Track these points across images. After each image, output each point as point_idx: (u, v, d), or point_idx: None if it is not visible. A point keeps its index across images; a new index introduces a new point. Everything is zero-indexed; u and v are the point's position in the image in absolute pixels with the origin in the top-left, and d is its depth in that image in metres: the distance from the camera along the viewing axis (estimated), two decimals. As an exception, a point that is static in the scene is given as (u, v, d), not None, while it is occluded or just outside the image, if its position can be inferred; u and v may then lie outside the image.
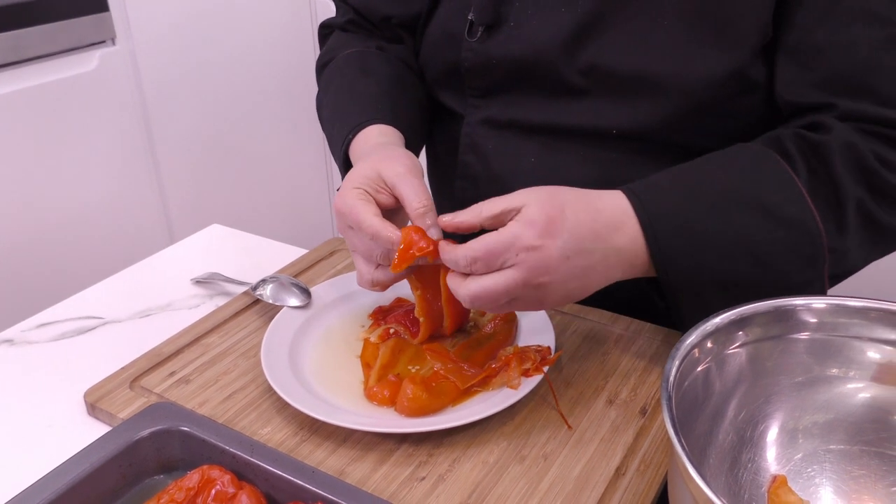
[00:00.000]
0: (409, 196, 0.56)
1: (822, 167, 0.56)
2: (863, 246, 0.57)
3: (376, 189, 0.59)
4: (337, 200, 0.60)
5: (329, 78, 0.78)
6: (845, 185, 0.55)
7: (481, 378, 0.58)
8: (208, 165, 1.67)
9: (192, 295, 0.76)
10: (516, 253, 0.51)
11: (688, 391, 0.45)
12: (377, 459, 0.53)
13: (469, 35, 0.68)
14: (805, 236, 0.55)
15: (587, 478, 0.52)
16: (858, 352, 0.48)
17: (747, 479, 0.48)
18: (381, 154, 0.61)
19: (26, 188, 1.33)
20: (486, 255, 0.51)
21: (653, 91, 0.62)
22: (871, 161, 0.55)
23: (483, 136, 0.72)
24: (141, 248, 1.52)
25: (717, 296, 0.55)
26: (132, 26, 1.44)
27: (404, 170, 0.58)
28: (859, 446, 0.48)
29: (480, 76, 0.70)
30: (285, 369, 0.60)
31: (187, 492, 0.47)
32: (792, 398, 0.49)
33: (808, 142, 0.57)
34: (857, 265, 0.59)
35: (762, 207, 0.55)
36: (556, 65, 0.65)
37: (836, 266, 0.57)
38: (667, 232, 0.54)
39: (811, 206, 0.55)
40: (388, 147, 0.65)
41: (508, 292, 0.52)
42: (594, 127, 0.65)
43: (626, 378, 0.61)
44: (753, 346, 0.48)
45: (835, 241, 0.55)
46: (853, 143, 0.56)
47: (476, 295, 0.52)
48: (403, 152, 0.62)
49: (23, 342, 0.70)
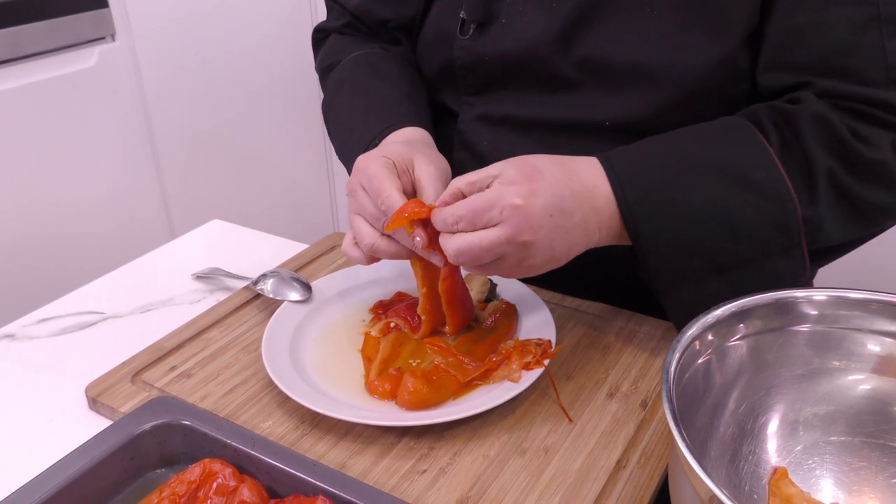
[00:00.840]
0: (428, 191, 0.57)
1: (794, 137, 0.56)
2: (838, 218, 0.57)
3: (403, 169, 0.59)
4: (362, 160, 0.59)
5: (338, 82, 0.77)
6: (815, 154, 0.56)
7: (482, 371, 0.58)
8: (208, 161, 1.67)
9: (193, 290, 0.76)
10: (500, 210, 0.52)
11: (688, 383, 0.45)
12: (378, 453, 0.54)
13: (461, 33, 0.69)
14: (777, 202, 0.55)
15: (588, 470, 0.52)
16: (859, 344, 0.48)
17: (748, 471, 0.48)
18: (422, 148, 0.62)
19: (26, 184, 1.33)
20: (469, 213, 0.52)
21: (644, 82, 0.63)
22: (842, 132, 0.56)
23: (477, 133, 0.72)
24: (141, 244, 1.52)
25: (692, 265, 0.56)
26: (132, 22, 1.43)
27: (436, 171, 0.59)
28: (860, 438, 0.48)
29: (473, 74, 0.70)
30: (286, 363, 0.60)
31: (189, 485, 0.47)
32: (792, 390, 0.49)
33: (781, 112, 0.58)
34: (835, 239, 0.59)
35: (733, 174, 0.55)
36: (549, 59, 0.65)
37: (813, 238, 0.57)
38: (637, 195, 0.55)
39: (782, 172, 0.55)
40: (428, 146, 0.65)
41: (493, 249, 0.52)
42: (588, 119, 0.66)
43: (626, 371, 0.61)
44: (754, 339, 0.48)
45: (807, 209, 0.56)
46: (824, 114, 0.56)
47: (460, 249, 0.53)
48: (441, 157, 0.63)
49: (24, 337, 0.70)
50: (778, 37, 0.60)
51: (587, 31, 0.63)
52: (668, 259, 0.56)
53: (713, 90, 0.62)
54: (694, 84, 0.62)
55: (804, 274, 0.58)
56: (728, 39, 0.60)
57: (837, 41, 0.57)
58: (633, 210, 0.55)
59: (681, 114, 0.63)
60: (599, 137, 0.66)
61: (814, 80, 0.58)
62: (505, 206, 0.52)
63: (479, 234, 0.52)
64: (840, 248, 0.62)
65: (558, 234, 0.54)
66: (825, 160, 0.56)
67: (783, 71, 0.60)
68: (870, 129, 0.56)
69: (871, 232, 0.61)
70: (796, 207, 0.55)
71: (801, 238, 0.56)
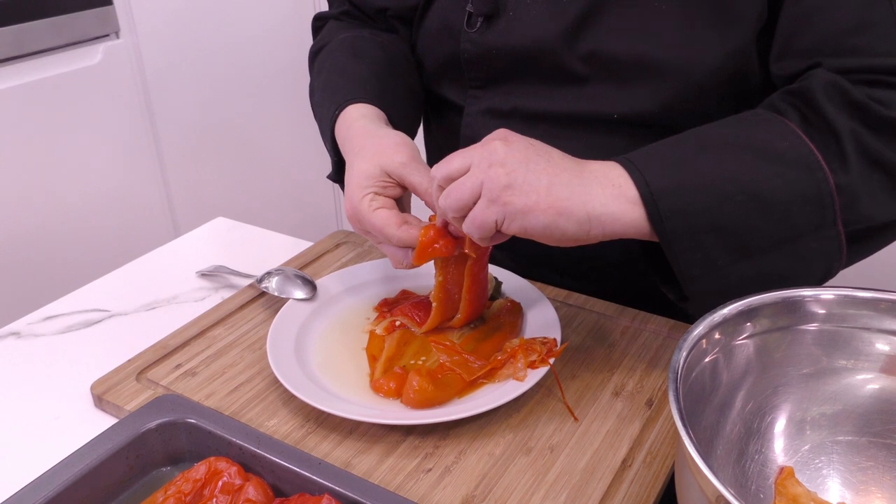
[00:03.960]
0: (421, 184, 0.59)
1: (811, 110, 0.54)
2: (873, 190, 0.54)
3: (383, 185, 0.60)
4: (347, 206, 0.61)
5: (321, 63, 0.78)
6: (836, 119, 0.53)
7: (487, 370, 0.58)
8: (212, 158, 1.67)
9: (198, 288, 0.76)
10: (476, 153, 0.53)
11: (695, 382, 0.45)
12: (383, 451, 0.53)
13: (468, 26, 0.68)
14: (805, 171, 0.52)
15: (593, 469, 0.52)
16: (867, 343, 0.48)
17: (755, 471, 0.48)
18: (374, 145, 0.62)
19: (31, 182, 1.33)
20: (445, 160, 0.53)
21: (653, 76, 0.62)
22: (858, 95, 0.54)
23: (484, 126, 0.72)
24: (145, 241, 1.52)
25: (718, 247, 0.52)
26: (136, 20, 1.44)
27: (406, 158, 0.59)
28: (867, 438, 0.48)
29: (480, 67, 0.70)
30: (291, 361, 0.60)
31: (194, 483, 0.47)
32: (800, 389, 0.49)
33: (793, 92, 0.56)
34: (875, 216, 0.54)
35: (755, 147, 0.53)
36: (556, 53, 0.65)
37: (849, 210, 0.52)
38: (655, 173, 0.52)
39: (806, 140, 0.53)
40: (375, 132, 0.64)
41: (472, 183, 0.51)
42: (595, 113, 0.66)
43: (632, 370, 0.61)
44: (761, 338, 0.48)
45: (839, 177, 0.52)
46: (836, 80, 0.54)
47: (447, 192, 0.53)
48: (393, 135, 0.63)
49: (29, 335, 0.70)
50: (787, 24, 0.59)
51: (595, 24, 0.63)
52: (693, 241, 0.52)
53: (722, 84, 0.62)
54: (702, 78, 0.61)
55: (839, 260, 0.54)
56: (737, 35, 0.60)
57: (845, 20, 0.56)
58: (651, 187, 0.51)
59: (689, 108, 0.63)
60: (607, 131, 0.66)
61: (824, 61, 0.57)
62: (479, 147, 0.53)
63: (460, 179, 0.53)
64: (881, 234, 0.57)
65: (537, 163, 0.51)
66: (847, 123, 0.53)
67: (794, 57, 0.59)
68: (885, 92, 0.54)
69: None
70: (827, 175, 0.52)
71: (836, 213, 0.52)
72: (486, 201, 0.51)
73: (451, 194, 0.52)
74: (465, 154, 0.53)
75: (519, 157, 0.52)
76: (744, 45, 0.60)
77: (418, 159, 0.60)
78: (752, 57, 0.61)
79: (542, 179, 0.51)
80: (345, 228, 0.68)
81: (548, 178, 0.51)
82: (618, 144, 0.66)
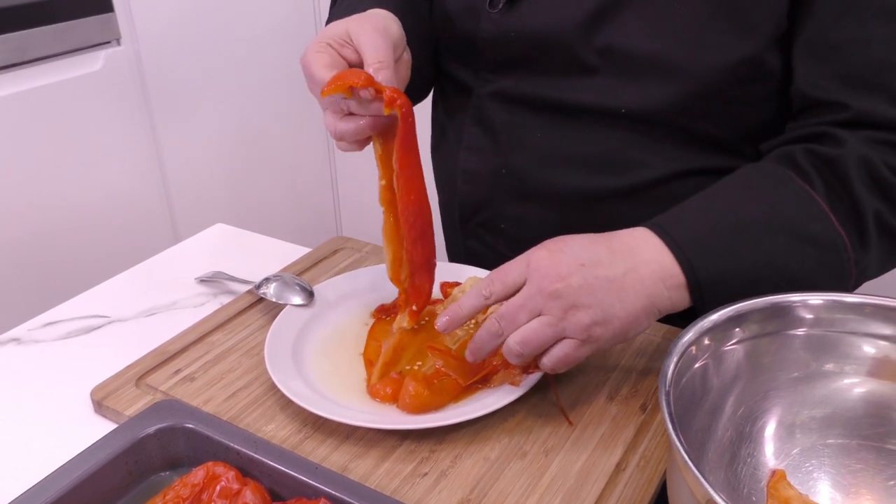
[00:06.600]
0: (368, 52, 0.57)
1: (839, 183, 0.56)
2: (881, 257, 0.58)
3: (341, 44, 0.59)
4: (301, 57, 0.60)
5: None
6: (863, 198, 0.55)
7: (483, 375, 0.59)
8: (213, 165, 1.68)
9: (197, 294, 0.77)
10: (527, 264, 0.53)
11: (686, 387, 0.45)
12: (380, 456, 0.54)
13: (490, 6, 0.69)
14: (833, 253, 0.55)
15: (588, 473, 0.52)
16: (854, 347, 0.48)
17: (746, 474, 0.48)
18: (359, 15, 0.62)
19: (32, 188, 1.34)
20: (499, 275, 0.54)
21: (663, 74, 0.63)
22: (884, 172, 0.56)
23: (491, 109, 0.72)
24: (145, 248, 1.52)
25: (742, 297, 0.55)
26: (137, 27, 1.44)
27: (371, 27, 0.58)
28: (857, 440, 0.49)
29: (496, 49, 0.70)
30: (289, 367, 0.60)
31: (193, 488, 0.48)
32: (789, 393, 0.49)
33: (821, 157, 0.57)
34: (875, 275, 0.60)
35: (790, 229, 0.55)
36: (572, 43, 0.65)
37: (860, 277, 0.57)
38: (701, 262, 0.54)
39: (835, 222, 0.55)
40: (370, 11, 0.64)
41: (525, 305, 0.52)
42: (603, 105, 0.66)
43: (626, 375, 0.62)
44: (750, 343, 0.49)
45: (859, 254, 0.56)
46: (867, 156, 0.56)
47: (499, 314, 0.53)
48: (382, 14, 0.62)
49: (29, 341, 0.71)
50: (816, 47, 0.60)
51: (614, 18, 0.64)
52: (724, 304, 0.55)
53: (731, 88, 0.62)
54: (714, 80, 0.62)
55: None
56: (752, 39, 0.60)
57: (875, 57, 0.57)
58: (698, 276, 0.53)
59: (698, 107, 0.64)
60: (613, 124, 0.67)
61: (850, 102, 0.58)
62: (531, 259, 0.53)
63: (510, 298, 0.53)
64: None
65: (601, 284, 0.52)
66: (872, 203, 0.56)
67: (822, 80, 0.60)
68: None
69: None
70: (850, 255, 0.55)
71: (852, 282, 0.56)
72: (574, 344, 0.53)
73: (527, 343, 0.52)
74: (517, 261, 0.53)
75: (581, 285, 0.52)
76: (757, 52, 0.61)
77: (382, 33, 0.58)
78: (765, 65, 0.62)
79: (614, 303, 0.52)
80: (343, 235, 0.68)
81: (616, 294, 0.52)
82: (621, 137, 0.67)
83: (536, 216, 0.72)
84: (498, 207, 0.74)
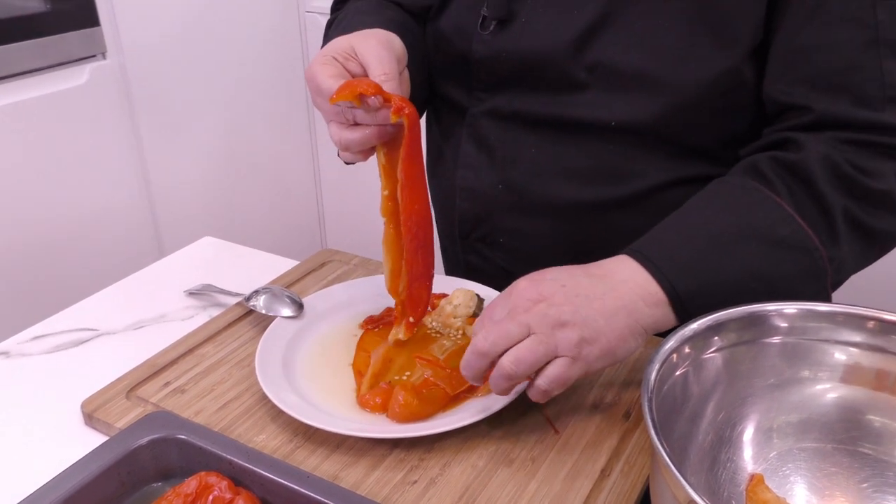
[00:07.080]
0: (374, 64, 0.59)
1: (802, 184, 0.58)
2: (856, 253, 0.60)
3: (346, 57, 0.61)
4: (306, 70, 0.62)
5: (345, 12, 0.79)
6: (828, 196, 0.58)
7: (470, 385, 0.60)
8: (197, 178, 1.68)
9: (186, 306, 0.78)
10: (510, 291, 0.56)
11: (668, 394, 0.47)
12: (370, 464, 0.55)
13: (481, 28, 0.71)
14: (804, 253, 0.57)
15: (573, 479, 0.53)
16: (827, 354, 0.50)
17: (726, 478, 0.50)
18: (366, 32, 0.64)
19: (17, 202, 1.33)
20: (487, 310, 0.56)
21: (651, 87, 0.65)
22: (847, 169, 0.58)
23: (486, 127, 0.74)
24: (131, 261, 1.52)
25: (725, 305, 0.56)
26: (122, 41, 1.45)
27: (375, 41, 0.60)
28: (831, 444, 0.50)
29: (489, 69, 0.72)
30: (279, 378, 0.61)
31: (185, 498, 0.48)
32: (766, 399, 0.51)
33: (783, 163, 0.60)
34: (853, 272, 0.62)
35: (759, 236, 0.57)
36: (563, 61, 0.68)
37: (837, 274, 0.59)
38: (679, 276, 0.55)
39: (802, 224, 0.57)
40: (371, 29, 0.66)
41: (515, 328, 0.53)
42: (595, 119, 0.68)
43: (610, 383, 0.63)
44: (729, 351, 0.51)
45: (831, 250, 0.58)
46: (829, 156, 0.58)
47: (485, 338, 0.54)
48: (384, 31, 0.64)
49: (18, 354, 0.71)
50: (784, 53, 0.62)
51: (601, 36, 0.66)
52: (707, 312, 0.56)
53: (715, 99, 0.65)
54: (699, 92, 0.64)
55: None
56: (733, 52, 0.63)
57: (840, 60, 0.60)
58: (678, 290, 0.55)
59: (685, 118, 0.66)
60: (604, 136, 0.69)
61: (814, 105, 0.60)
62: (513, 290, 0.55)
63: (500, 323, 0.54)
64: None
65: (582, 303, 0.54)
66: (840, 201, 0.58)
67: (788, 84, 0.62)
68: (872, 161, 0.59)
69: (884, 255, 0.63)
70: (822, 254, 0.57)
71: (829, 278, 0.58)
72: (566, 361, 0.53)
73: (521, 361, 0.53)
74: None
75: (563, 303, 0.53)
76: (738, 63, 0.63)
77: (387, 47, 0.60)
78: (745, 75, 0.64)
79: (598, 319, 0.53)
80: (330, 248, 0.69)
81: (599, 312, 0.54)
82: (612, 150, 0.69)
83: (534, 228, 0.74)
84: (496, 222, 0.76)
